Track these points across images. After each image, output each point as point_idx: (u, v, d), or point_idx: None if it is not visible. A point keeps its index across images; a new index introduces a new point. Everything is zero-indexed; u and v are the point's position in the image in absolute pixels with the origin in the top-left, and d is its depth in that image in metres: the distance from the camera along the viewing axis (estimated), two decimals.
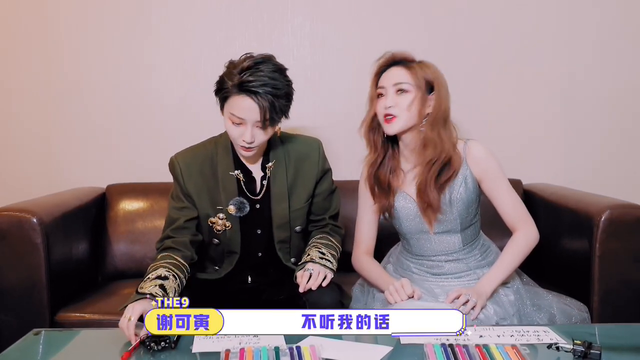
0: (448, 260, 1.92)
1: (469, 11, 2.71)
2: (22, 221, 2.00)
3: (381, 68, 1.89)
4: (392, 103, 1.83)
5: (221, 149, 1.87)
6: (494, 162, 1.89)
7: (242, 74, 1.67)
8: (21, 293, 2.02)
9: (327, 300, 1.72)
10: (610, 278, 2.03)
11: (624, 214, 2.03)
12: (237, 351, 1.43)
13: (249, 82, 1.66)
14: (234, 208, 1.83)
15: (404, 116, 1.82)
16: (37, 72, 2.71)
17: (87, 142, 2.74)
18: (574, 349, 1.41)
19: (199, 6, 2.70)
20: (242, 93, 1.68)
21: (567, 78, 2.75)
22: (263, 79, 1.67)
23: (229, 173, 1.84)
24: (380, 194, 1.93)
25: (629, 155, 2.78)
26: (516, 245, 1.87)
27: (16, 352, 1.52)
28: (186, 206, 1.84)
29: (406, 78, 1.83)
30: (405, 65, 1.86)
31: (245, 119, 1.71)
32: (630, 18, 2.72)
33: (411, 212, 1.91)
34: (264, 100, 1.67)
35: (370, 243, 2.00)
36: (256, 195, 1.87)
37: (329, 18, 2.71)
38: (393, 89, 1.83)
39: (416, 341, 1.52)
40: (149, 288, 1.61)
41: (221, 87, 1.74)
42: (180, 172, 1.83)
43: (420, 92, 1.82)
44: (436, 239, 1.92)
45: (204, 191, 1.84)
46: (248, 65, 1.68)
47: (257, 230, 1.89)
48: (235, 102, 1.70)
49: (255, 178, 1.88)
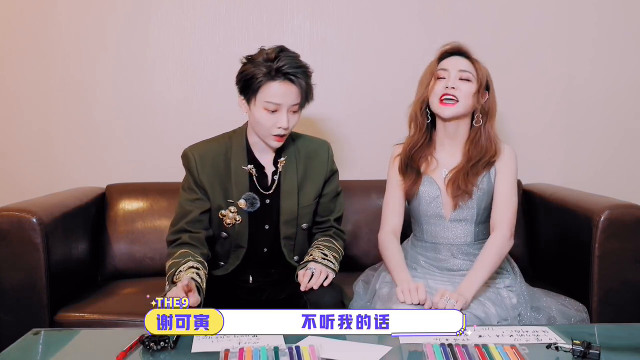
0: (456, 253, 1.93)
1: (468, 11, 2.71)
2: (22, 221, 2.00)
3: (444, 54, 1.94)
4: (455, 85, 1.87)
5: (235, 143, 1.89)
6: (514, 165, 1.94)
7: (273, 62, 1.73)
8: (21, 293, 2.02)
9: (328, 300, 1.73)
10: (610, 278, 2.03)
11: (623, 214, 2.03)
12: (237, 351, 1.43)
13: (283, 66, 1.73)
14: (245, 203, 1.85)
15: (463, 102, 1.87)
16: (37, 72, 2.71)
17: (87, 142, 2.74)
18: (573, 349, 1.41)
19: (199, 6, 2.70)
20: (277, 79, 1.73)
21: (566, 78, 2.75)
22: (294, 61, 1.75)
23: (242, 167, 1.86)
24: (410, 174, 1.95)
25: (629, 156, 2.78)
26: (493, 249, 1.86)
27: (16, 352, 1.52)
28: (199, 198, 1.86)
29: (471, 68, 1.89)
30: (468, 57, 1.92)
31: (282, 103, 1.75)
32: (630, 18, 2.72)
33: (432, 195, 1.93)
34: (301, 80, 1.76)
35: (397, 222, 1.99)
36: (267, 190, 1.88)
37: (329, 18, 2.71)
38: (457, 74, 1.88)
39: (415, 341, 1.52)
40: (187, 275, 1.65)
41: (251, 79, 1.75)
42: (195, 164, 1.85)
43: (480, 85, 1.88)
44: (450, 225, 1.93)
45: (217, 183, 1.86)
46: (275, 54, 1.74)
47: (265, 225, 1.90)
48: (271, 89, 1.74)
49: (267, 173, 1.90)
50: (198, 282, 1.66)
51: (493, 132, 1.93)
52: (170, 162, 2.73)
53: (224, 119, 2.70)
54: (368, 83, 2.72)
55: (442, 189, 1.93)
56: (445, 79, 1.89)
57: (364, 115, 2.73)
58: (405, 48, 2.70)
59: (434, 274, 1.93)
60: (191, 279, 1.64)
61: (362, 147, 2.74)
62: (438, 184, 1.93)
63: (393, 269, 1.89)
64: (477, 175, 1.90)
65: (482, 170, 1.90)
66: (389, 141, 2.08)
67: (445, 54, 1.94)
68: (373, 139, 2.72)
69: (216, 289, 1.87)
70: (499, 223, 1.89)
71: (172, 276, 1.70)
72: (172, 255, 1.77)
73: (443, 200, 1.93)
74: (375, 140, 2.71)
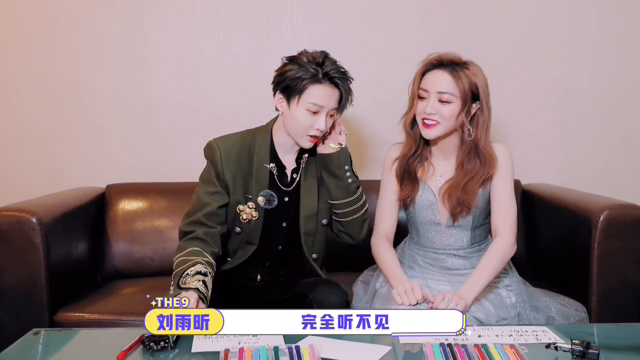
0: (453, 255, 1.93)
1: (468, 11, 2.71)
2: (21, 221, 2.00)
3: (427, 67, 1.87)
4: (433, 110, 1.82)
5: (259, 140, 1.91)
6: (510, 165, 1.90)
7: (322, 65, 1.79)
8: (21, 293, 2.02)
9: (334, 300, 1.74)
10: (609, 278, 2.03)
11: (622, 214, 2.03)
12: (236, 351, 1.43)
13: (331, 70, 1.80)
14: (263, 199, 1.88)
15: (443, 124, 1.82)
16: (37, 72, 2.71)
17: (87, 142, 2.74)
18: (572, 349, 1.41)
19: (198, 7, 2.70)
20: (324, 82, 1.79)
21: (566, 78, 2.75)
22: (340, 68, 1.82)
23: (264, 164, 1.89)
24: (407, 183, 1.94)
25: (628, 156, 2.78)
26: (496, 254, 1.84)
27: (15, 352, 1.52)
28: (218, 191, 1.86)
29: (451, 87, 1.80)
30: (452, 70, 1.82)
31: (324, 106, 1.80)
32: (630, 18, 2.73)
33: (427, 203, 1.92)
34: (346, 85, 1.82)
35: (389, 227, 1.98)
36: (287, 187, 1.91)
37: (328, 18, 2.71)
38: (436, 96, 1.82)
39: (415, 341, 1.52)
40: (193, 283, 1.65)
41: (297, 80, 1.79)
42: (220, 157, 1.86)
43: (463, 102, 1.81)
44: (446, 232, 1.93)
45: (239, 178, 1.88)
46: (321, 59, 1.81)
47: (283, 223, 1.92)
48: (317, 91, 1.79)
49: (287, 173, 1.92)
50: (203, 294, 1.65)
51: (488, 144, 1.86)
52: (170, 162, 2.74)
53: (224, 118, 2.73)
54: (368, 83, 2.71)
55: (437, 196, 1.91)
56: (426, 99, 1.83)
57: (363, 115, 2.73)
58: (405, 48, 2.70)
59: (432, 273, 1.93)
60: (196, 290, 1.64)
61: (361, 147, 2.74)
62: (434, 191, 1.92)
63: (389, 274, 1.89)
64: (475, 195, 1.86)
65: (478, 188, 1.86)
66: (389, 141, 2.08)
67: (430, 65, 1.86)
68: (373, 139, 2.72)
69: (222, 286, 1.87)
70: (501, 229, 1.87)
71: (179, 277, 1.69)
72: (183, 250, 1.77)
73: (439, 207, 1.92)
74: (375, 140, 2.72)
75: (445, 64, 1.83)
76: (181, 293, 1.61)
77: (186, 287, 1.63)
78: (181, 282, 1.66)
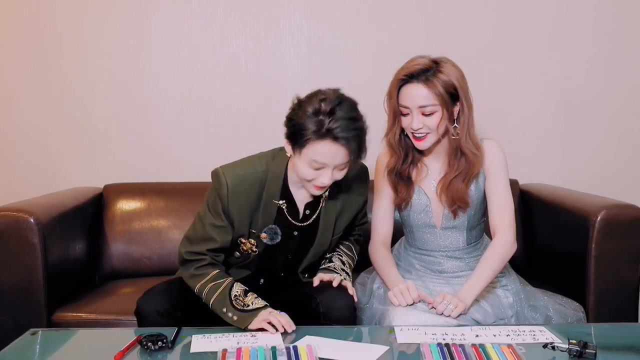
0: (449, 257, 1.93)
1: (467, 11, 2.71)
2: (19, 221, 2.00)
3: (399, 83, 1.81)
4: (420, 125, 1.80)
5: (272, 174, 1.77)
6: (502, 161, 1.89)
7: (325, 120, 1.57)
8: (18, 293, 2.02)
9: (341, 305, 1.72)
10: (606, 278, 2.03)
11: (620, 214, 2.03)
12: (234, 351, 1.44)
13: (335, 128, 1.57)
14: (266, 236, 1.79)
15: (434, 133, 1.81)
16: (35, 72, 2.71)
17: (85, 142, 2.74)
18: (570, 349, 1.41)
19: (195, 7, 2.70)
20: (326, 139, 1.58)
21: (564, 78, 2.75)
22: (347, 122, 1.59)
23: (273, 201, 1.77)
24: (401, 187, 1.93)
25: (626, 156, 2.78)
26: (496, 253, 1.84)
27: (13, 352, 1.52)
28: (224, 226, 1.75)
29: (429, 99, 1.76)
30: (426, 80, 1.76)
31: (327, 163, 1.62)
32: (629, 18, 2.73)
33: (422, 205, 1.92)
34: (353, 142, 1.60)
35: (386, 232, 1.98)
36: (299, 221, 1.82)
37: (326, 18, 2.71)
38: (418, 111, 1.78)
39: (412, 340, 1.52)
40: (255, 302, 1.69)
41: (299, 132, 1.61)
42: (227, 192, 1.72)
43: (445, 108, 1.78)
44: (441, 234, 1.92)
45: (246, 213, 1.76)
46: (330, 108, 1.58)
47: (288, 255, 1.86)
48: (319, 148, 1.59)
49: (299, 208, 1.81)
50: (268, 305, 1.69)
51: (473, 138, 1.85)
52: (168, 162, 2.74)
53: (222, 118, 2.73)
54: (366, 83, 2.72)
55: (431, 198, 1.91)
56: (409, 115, 1.80)
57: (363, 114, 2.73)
58: (404, 48, 2.67)
59: (430, 276, 1.93)
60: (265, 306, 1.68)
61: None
62: (427, 194, 1.91)
63: (384, 276, 1.89)
64: (464, 191, 1.85)
65: (464, 185, 1.86)
66: None
67: (402, 81, 1.80)
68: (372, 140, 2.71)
69: None
70: (499, 227, 1.87)
71: (228, 300, 1.68)
72: (205, 277, 1.73)
73: (433, 210, 1.91)
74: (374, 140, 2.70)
75: (417, 75, 1.77)
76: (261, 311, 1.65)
77: (253, 309, 1.66)
78: (237, 304, 1.67)
